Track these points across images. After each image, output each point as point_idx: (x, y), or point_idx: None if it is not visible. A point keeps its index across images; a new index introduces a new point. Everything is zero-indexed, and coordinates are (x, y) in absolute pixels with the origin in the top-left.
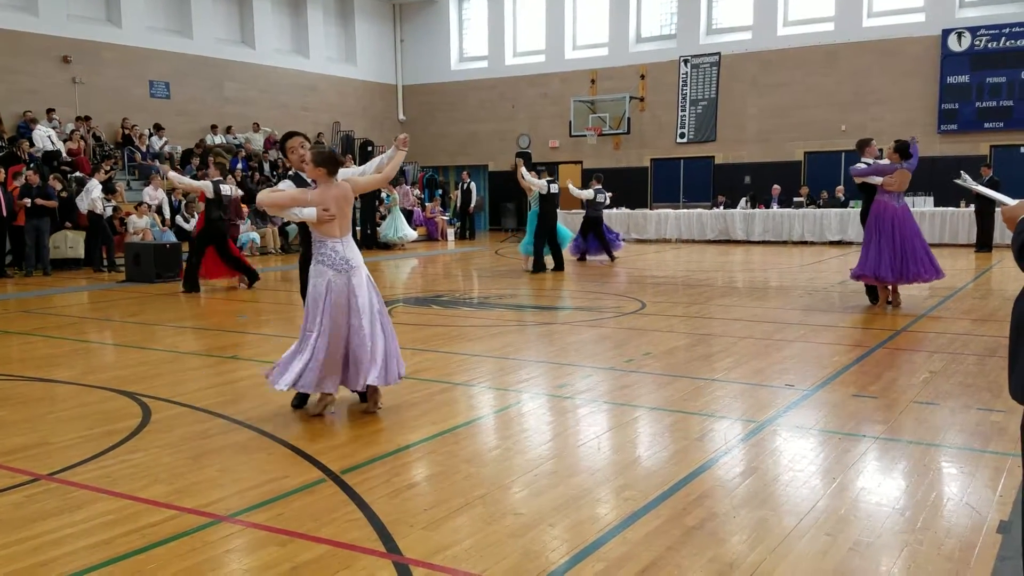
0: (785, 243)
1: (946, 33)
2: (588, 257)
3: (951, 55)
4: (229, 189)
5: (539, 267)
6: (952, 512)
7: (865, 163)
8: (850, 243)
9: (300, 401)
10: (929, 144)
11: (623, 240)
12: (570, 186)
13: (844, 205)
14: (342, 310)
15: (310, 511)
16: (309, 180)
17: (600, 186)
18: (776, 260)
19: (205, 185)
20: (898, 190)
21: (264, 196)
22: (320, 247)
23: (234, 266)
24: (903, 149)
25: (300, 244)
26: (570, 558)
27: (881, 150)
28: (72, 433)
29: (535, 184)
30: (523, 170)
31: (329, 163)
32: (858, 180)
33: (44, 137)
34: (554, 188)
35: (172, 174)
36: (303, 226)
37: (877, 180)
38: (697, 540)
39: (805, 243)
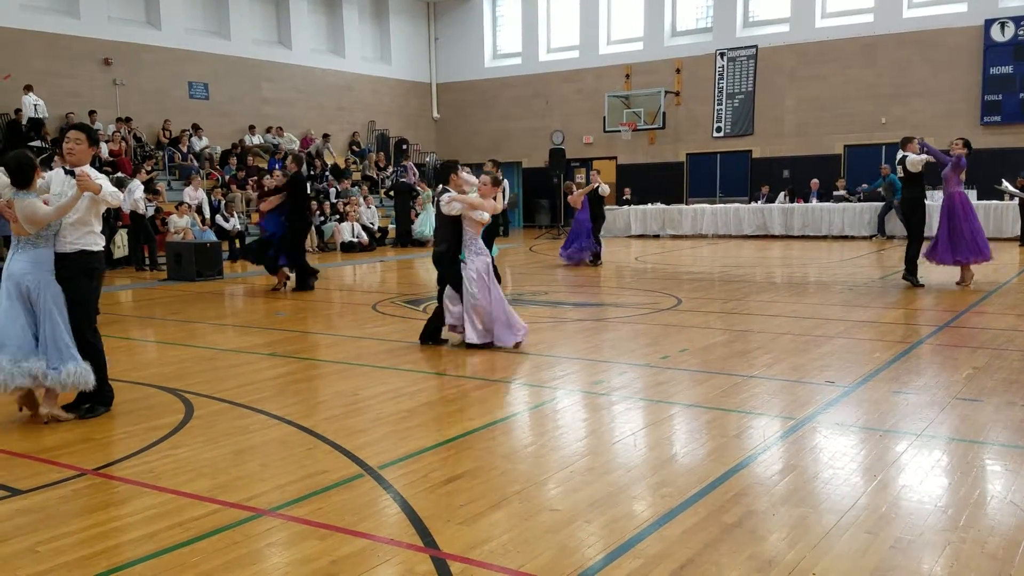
0: (825, 238)
1: (989, 23)
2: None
3: (994, 45)
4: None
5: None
6: (996, 510)
7: (912, 155)
8: (891, 237)
9: (428, 337)
10: (972, 136)
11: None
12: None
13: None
14: (490, 285)
15: (349, 506)
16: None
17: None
18: (815, 255)
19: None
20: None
21: (467, 198)
22: (474, 243)
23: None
24: (968, 143)
25: (440, 242)
26: (607, 554)
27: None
28: (117, 429)
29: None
30: (464, 174)
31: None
32: (915, 169)
33: (30, 105)
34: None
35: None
36: (454, 226)
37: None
38: (735, 537)
39: (845, 238)
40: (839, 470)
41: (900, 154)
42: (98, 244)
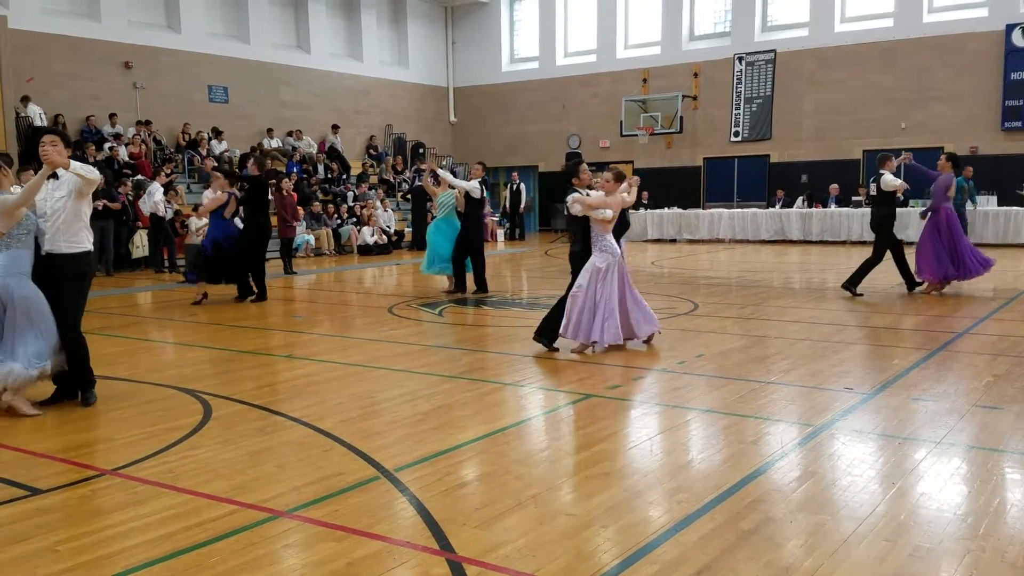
0: (844, 243)
1: (1010, 28)
2: None
3: (1015, 50)
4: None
5: (463, 286)
6: (1016, 519)
7: (889, 175)
8: (911, 243)
9: (542, 334)
10: (993, 142)
11: None
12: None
13: (904, 204)
14: (619, 283)
15: (365, 508)
16: (581, 191)
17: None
18: (834, 260)
19: (472, 185)
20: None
21: (587, 200)
22: (601, 240)
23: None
24: (955, 158)
25: (575, 241)
26: (623, 560)
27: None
28: (136, 429)
29: (465, 186)
30: (444, 172)
31: (622, 179)
32: (889, 190)
33: (36, 115)
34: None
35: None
36: (583, 225)
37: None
38: (753, 544)
39: (865, 243)
40: (857, 477)
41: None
42: (89, 240)
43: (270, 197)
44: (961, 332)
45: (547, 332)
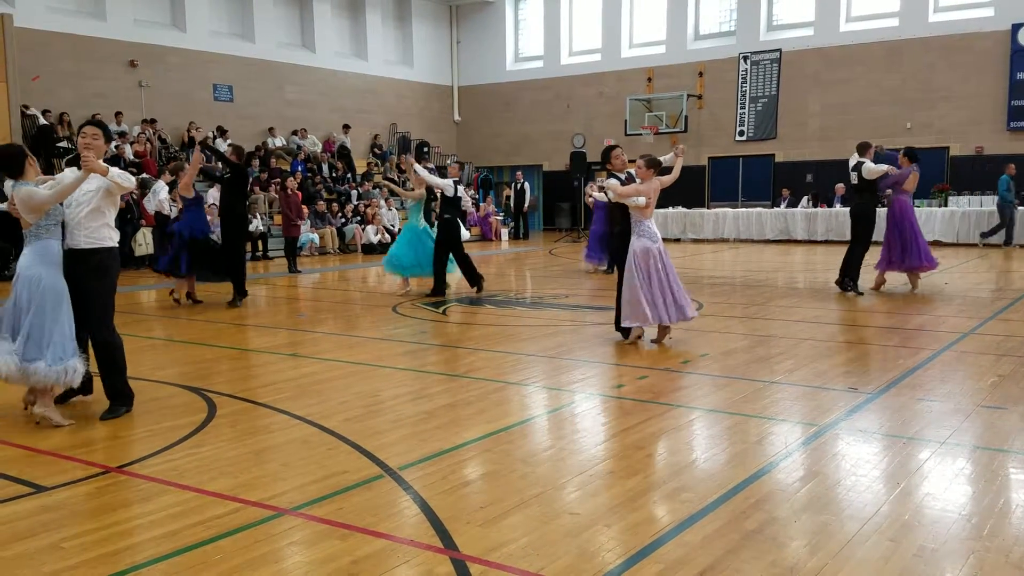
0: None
1: (1016, 28)
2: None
3: (1021, 50)
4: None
5: (442, 289)
6: (1021, 519)
7: (870, 163)
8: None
9: (624, 334)
10: (998, 142)
11: None
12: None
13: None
14: (660, 267)
15: (369, 506)
16: (620, 177)
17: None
18: (839, 260)
19: (446, 183)
20: (911, 190)
21: (619, 188)
22: (639, 225)
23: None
24: (912, 154)
25: (617, 223)
26: (626, 559)
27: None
28: (140, 427)
29: (438, 183)
30: (418, 166)
31: (655, 165)
32: (872, 177)
33: (39, 115)
34: (461, 190)
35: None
36: (623, 210)
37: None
38: (756, 544)
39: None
40: (861, 477)
41: (855, 160)
42: (112, 239)
43: (254, 193)
44: (966, 332)
45: (618, 323)
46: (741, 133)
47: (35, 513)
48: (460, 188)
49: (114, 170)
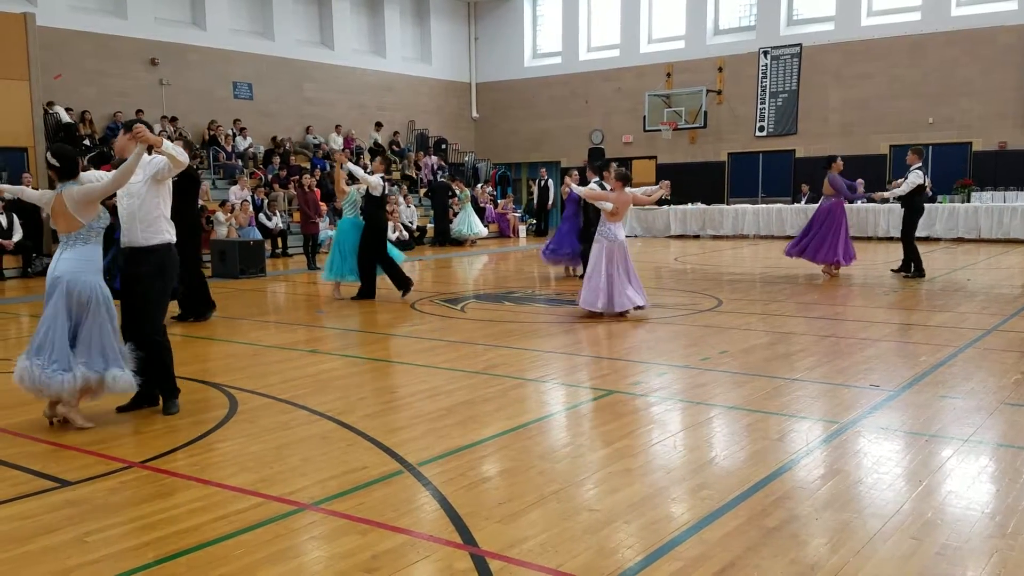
0: (870, 239)
1: None
2: None
3: None
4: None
5: (371, 292)
6: None
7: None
8: (937, 239)
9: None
10: (1022, 137)
11: None
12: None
13: (932, 200)
14: (615, 265)
15: (389, 501)
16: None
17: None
18: (860, 256)
19: (374, 180)
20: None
21: (586, 191)
22: (603, 227)
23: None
24: (831, 159)
25: (589, 223)
26: (646, 556)
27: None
28: (162, 423)
29: (370, 181)
30: (350, 164)
31: (623, 179)
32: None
33: (63, 113)
34: (388, 189)
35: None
36: (593, 211)
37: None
38: (777, 542)
39: (891, 239)
40: (883, 475)
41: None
42: (170, 232)
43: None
44: (989, 329)
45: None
46: (761, 128)
47: (60, 507)
48: (388, 187)
49: (167, 143)
